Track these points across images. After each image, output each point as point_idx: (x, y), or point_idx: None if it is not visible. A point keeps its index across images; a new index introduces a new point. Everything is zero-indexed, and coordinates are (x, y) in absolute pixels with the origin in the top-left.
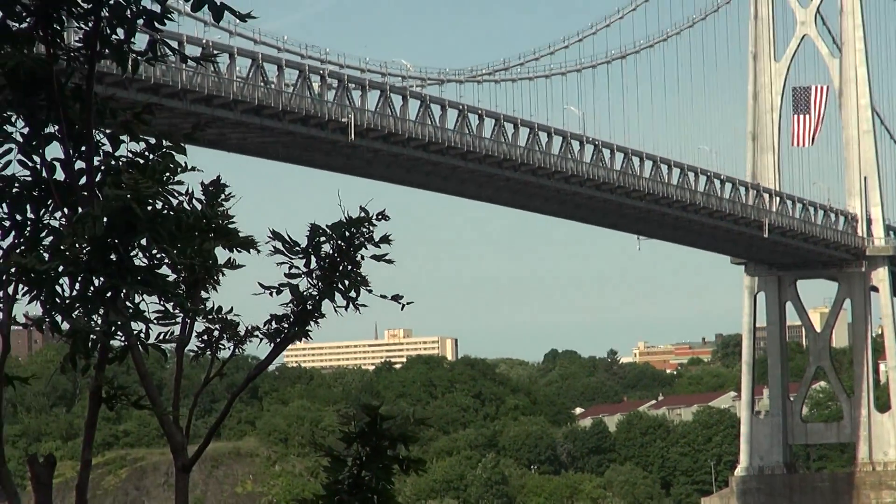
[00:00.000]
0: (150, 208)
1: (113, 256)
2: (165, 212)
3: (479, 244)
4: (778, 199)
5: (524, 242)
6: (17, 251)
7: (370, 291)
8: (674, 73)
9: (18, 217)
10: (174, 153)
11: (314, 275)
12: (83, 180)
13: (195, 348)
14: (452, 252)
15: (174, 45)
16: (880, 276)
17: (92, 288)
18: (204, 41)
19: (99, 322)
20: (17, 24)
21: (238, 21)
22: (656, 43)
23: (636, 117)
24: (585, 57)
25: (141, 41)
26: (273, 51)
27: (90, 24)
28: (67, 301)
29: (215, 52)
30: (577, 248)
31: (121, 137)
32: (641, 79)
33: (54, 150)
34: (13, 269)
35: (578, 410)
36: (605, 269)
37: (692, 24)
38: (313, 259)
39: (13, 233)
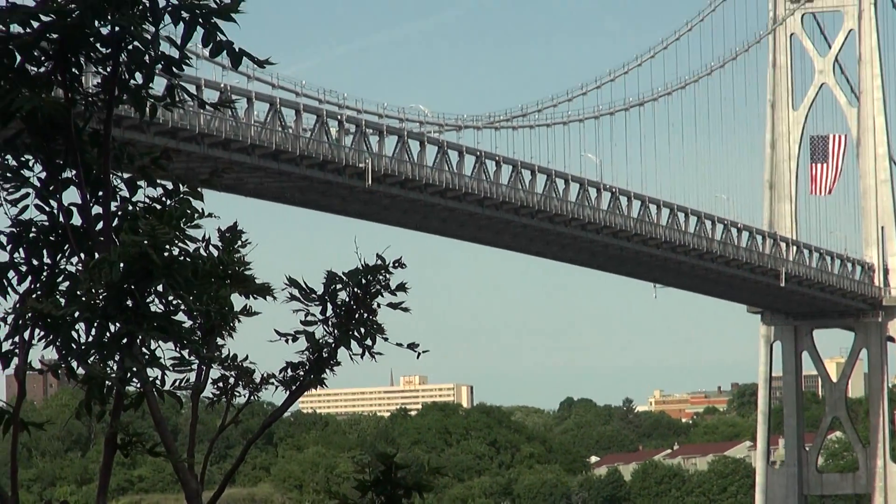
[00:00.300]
0: (166, 254)
1: (129, 302)
2: (182, 258)
3: (495, 291)
4: (795, 248)
5: (540, 289)
6: (34, 296)
7: (386, 339)
8: (692, 121)
9: (35, 262)
10: (191, 199)
11: (330, 322)
12: (100, 225)
13: (211, 395)
14: (468, 298)
15: (192, 89)
16: None
17: (108, 334)
18: (222, 86)
19: (115, 368)
20: (35, 69)
21: (256, 66)
22: (674, 91)
23: (654, 165)
24: (603, 104)
25: (159, 85)
26: (291, 95)
27: (108, 69)
28: (83, 346)
29: (233, 97)
30: (593, 295)
31: (138, 182)
32: (659, 126)
33: (71, 195)
34: (29, 314)
35: (594, 459)
36: (621, 317)
37: (710, 72)
38: (329, 306)
39: (30, 277)
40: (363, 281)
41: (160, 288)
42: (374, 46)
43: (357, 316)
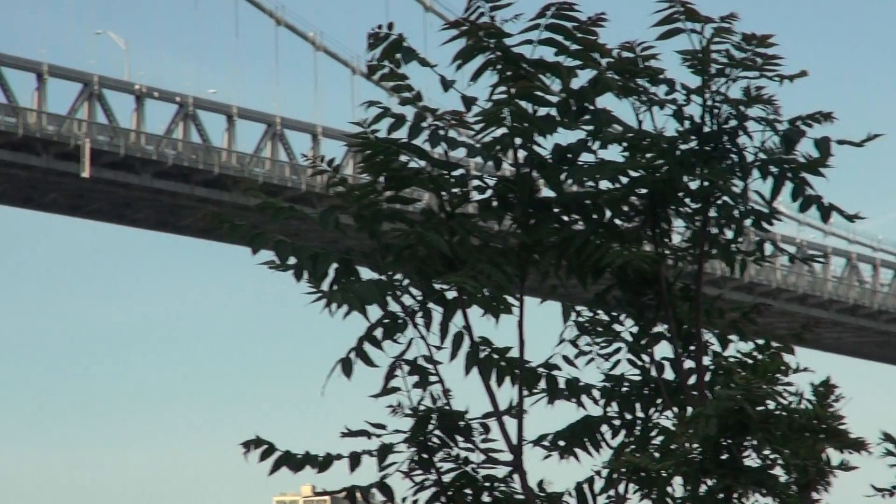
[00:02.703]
0: (762, 409)
1: (725, 456)
2: (778, 412)
3: None
4: None
5: None
6: (628, 450)
7: None
8: None
9: (628, 416)
10: (782, 353)
11: None
12: (692, 380)
13: None
14: None
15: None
16: None
17: (704, 488)
18: (797, 240)
19: None
20: (624, 223)
21: (845, 220)
22: None
23: None
24: None
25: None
26: (868, 250)
27: (697, 224)
28: (679, 501)
29: (818, 253)
30: None
31: (729, 337)
32: None
33: (663, 350)
34: (624, 468)
35: None
36: None
37: None
38: None
39: (623, 431)
40: None
41: (755, 442)
42: None
43: None
